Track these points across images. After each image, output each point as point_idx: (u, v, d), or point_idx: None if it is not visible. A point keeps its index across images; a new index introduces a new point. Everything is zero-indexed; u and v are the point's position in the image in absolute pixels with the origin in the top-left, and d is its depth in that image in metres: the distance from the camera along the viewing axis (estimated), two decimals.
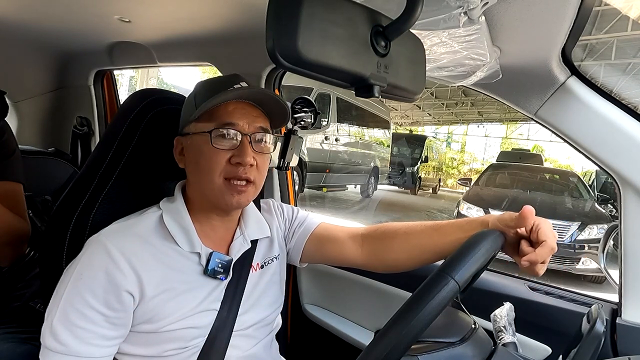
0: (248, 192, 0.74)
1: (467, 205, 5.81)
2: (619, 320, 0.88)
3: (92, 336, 0.65)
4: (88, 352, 0.65)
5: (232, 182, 0.72)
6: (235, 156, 0.71)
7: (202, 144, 0.72)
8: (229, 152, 0.72)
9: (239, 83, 0.74)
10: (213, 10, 1.13)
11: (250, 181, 0.73)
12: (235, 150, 0.72)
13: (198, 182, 0.75)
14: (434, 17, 0.63)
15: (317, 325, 1.38)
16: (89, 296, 0.65)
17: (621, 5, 3.16)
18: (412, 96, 0.61)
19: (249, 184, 0.73)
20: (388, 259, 0.86)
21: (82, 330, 0.65)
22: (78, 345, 0.64)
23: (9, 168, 1.12)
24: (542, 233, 0.67)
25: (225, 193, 0.72)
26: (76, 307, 0.65)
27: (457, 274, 0.56)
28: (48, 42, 1.68)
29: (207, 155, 0.71)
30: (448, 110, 16.43)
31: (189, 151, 0.76)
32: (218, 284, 0.76)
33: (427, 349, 0.66)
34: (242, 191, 0.72)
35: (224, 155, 0.71)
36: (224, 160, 0.72)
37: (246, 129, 0.73)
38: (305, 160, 6.67)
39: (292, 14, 0.43)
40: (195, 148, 0.74)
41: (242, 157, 0.71)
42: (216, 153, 0.71)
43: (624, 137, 0.84)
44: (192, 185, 0.78)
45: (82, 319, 0.65)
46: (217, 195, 0.73)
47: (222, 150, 0.71)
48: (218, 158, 0.71)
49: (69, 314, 0.65)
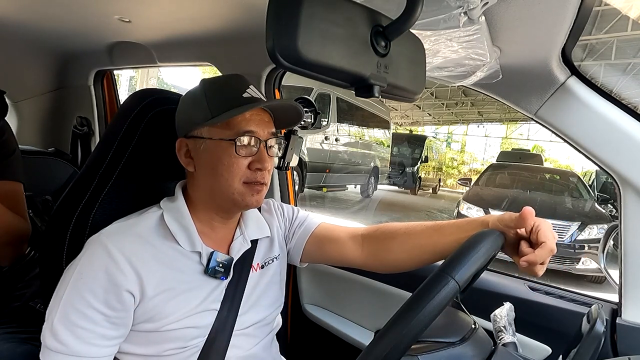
0: (263, 192, 0.77)
1: (467, 205, 5.81)
2: (619, 320, 0.88)
3: (92, 336, 0.65)
4: (89, 352, 0.65)
5: (251, 185, 0.74)
6: (255, 162, 0.74)
7: (221, 150, 0.73)
8: (248, 158, 0.74)
9: (249, 87, 0.76)
10: (213, 10, 1.13)
11: (265, 184, 0.76)
12: (254, 156, 0.74)
13: (210, 186, 0.75)
14: (434, 17, 0.63)
15: (317, 325, 1.38)
16: (89, 296, 0.65)
17: (621, 5, 3.16)
18: (412, 96, 0.61)
19: (264, 185, 0.76)
20: (388, 259, 0.86)
21: (82, 330, 0.65)
22: (79, 345, 0.65)
23: (9, 168, 1.12)
24: (542, 234, 0.67)
25: (246, 195, 0.74)
26: (77, 307, 0.65)
27: (457, 274, 0.56)
28: (48, 42, 1.68)
29: (227, 162, 0.73)
30: (448, 110, 16.42)
31: (201, 155, 0.75)
32: (218, 284, 0.77)
33: (427, 348, 0.66)
34: (259, 191, 0.76)
35: (244, 161, 0.74)
36: (244, 166, 0.74)
37: (262, 136, 0.75)
38: (305, 160, 6.67)
39: (292, 14, 0.42)
40: (212, 153, 0.74)
41: (263, 163, 0.74)
42: (238, 159, 0.73)
43: (624, 137, 0.84)
44: (202, 187, 0.77)
45: (82, 319, 0.65)
46: (237, 198, 0.74)
47: (243, 157, 0.73)
48: (240, 164, 0.73)
49: (69, 314, 0.65)
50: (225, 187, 0.74)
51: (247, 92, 0.75)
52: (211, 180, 0.75)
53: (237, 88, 0.75)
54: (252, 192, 0.75)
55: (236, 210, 0.80)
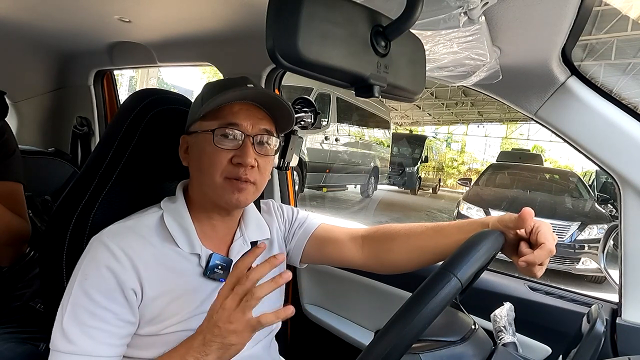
0: (248, 190, 0.73)
1: (467, 205, 5.81)
2: (619, 320, 0.88)
3: (104, 335, 0.65)
4: (101, 351, 0.65)
5: (232, 181, 0.72)
6: (237, 156, 0.71)
7: (205, 143, 0.72)
8: (230, 152, 0.72)
9: (246, 85, 0.75)
10: (213, 10, 1.13)
11: (251, 182, 0.73)
12: (237, 150, 0.72)
13: (199, 181, 0.75)
14: (434, 17, 0.63)
15: (317, 325, 1.38)
16: (97, 295, 0.65)
17: (621, 5, 3.16)
18: (412, 96, 0.61)
19: (249, 183, 0.73)
20: (388, 260, 0.86)
21: (94, 329, 0.64)
22: (91, 344, 0.64)
23: (9, 168, 1.12)
24: (542, 235, 0.67)
25: (225, 191, 0.72)
26: (86, 307, 0.65)
27: (460, 272, 0.56)
28: (48, 42, 1.68)
29: (209, 154, 0.72)
30: (448, 110, 16.42)
31: (192, 149, 0.76)
32: (217, 286, 0.76)
33: (428, 347, 0.66)
34: (242, 189, 0.72)
35: (225, 154, 0.71)
36: (226, 159, 0.72)
37: (249, 130, 0.73)
38: (305, 160, 6.66)
39: (292, 14, 0.42)
40: (199, 146, 0.74)
41: (244, 157, 0.71)
42: (218, 152, 0.71)
43: (624, 137, 0.84)
44: (194, 183, 0.78)
45: (93, 319, 0.64)
46: (217, 194, 0.73)
47: (224, 149, 0.71)
48: (220, 157, 0.71)
49: (79, 315, 0.64)
50: (208, 180, 0.72)
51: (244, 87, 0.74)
52: (199, 174, 0.75)
53: (234, 83, 0.75)
54: (233, 189, 0.71)
55: (225, 208, 0.76)
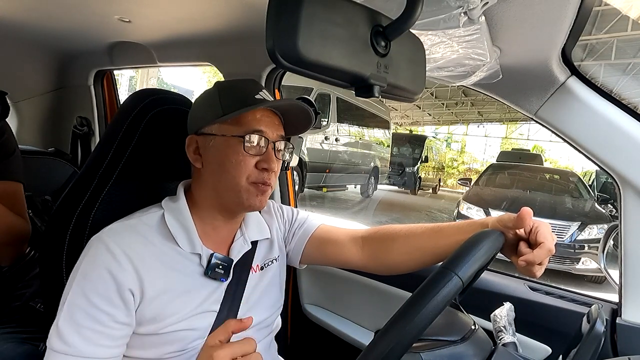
0: (267, 193, 0.77)
1: (467, 205, 5.81)
2: (619, 320, 0.88)
3: (99, 336, 0.65)
4: (95, 352, 0.65)
5: (258, 185, 0.75)
6: (262, 162, 0.74)
7: (228, 147, 0.74)
8: (255, 157, 0.74)
9: (261, 90, 0.78)
10: (213, 10, 1.13)
11: (270, 185, 0.76)
12: (262, 156, 0.75)
13: (217, 183, 0.76)
14: (434, 17, 0.63)
15: (317, 326, 1.38)
16: (93, 296, 0.65)
17: (621, 5, 3.16)
18: (412, 96, 0.61)
19: (269, 186, 0.76)
20: (388, 261, 0.86)
21: (88, 330, 0.64)
22: (85, 346, 0.64)
23: (9, 168, 1.12)
24: (541, 235, 0.67)
25: (250, 194, 0.75)
26: (82, 308, 0.65)
27: (461, 270, 0.56)
28: (48, 42, 1.68)
29: (235, 159, 0.73)
30: (448, 110, 16.42)
31: (209, 151, 0.76)
32: (218, 286, 0.76)
33: (428, 346, 0.66)
34: (264, 191, 0.76)
35: (251, 160, 0.74)
36: (252, 164, 0.74)
37: (271, 137, 0.76)
38: (305, 160, 6.66)
39: (292, 14, 0.42)
40: (220, 150, 0.74)
41: (269, 163, 0.74)
42: (245, 157, 0.73)
43: (624, 137, 0.84)
44: (205, 185, 0.77)
45: (88, 320, 0.65)
46: (241, 197, 0.75)
47: (251, 155, 0.74)
48: (247, 162, 0.74)
49: (74, 315, 0.65)
50: (232, 184, 0.74)
51: (259, 94, 0.76)
52: (217, 177, 0.75)
53: (250, 89, 0.77)
54: (257, 192, 0.75)
55: (240, 211, 0.80)
